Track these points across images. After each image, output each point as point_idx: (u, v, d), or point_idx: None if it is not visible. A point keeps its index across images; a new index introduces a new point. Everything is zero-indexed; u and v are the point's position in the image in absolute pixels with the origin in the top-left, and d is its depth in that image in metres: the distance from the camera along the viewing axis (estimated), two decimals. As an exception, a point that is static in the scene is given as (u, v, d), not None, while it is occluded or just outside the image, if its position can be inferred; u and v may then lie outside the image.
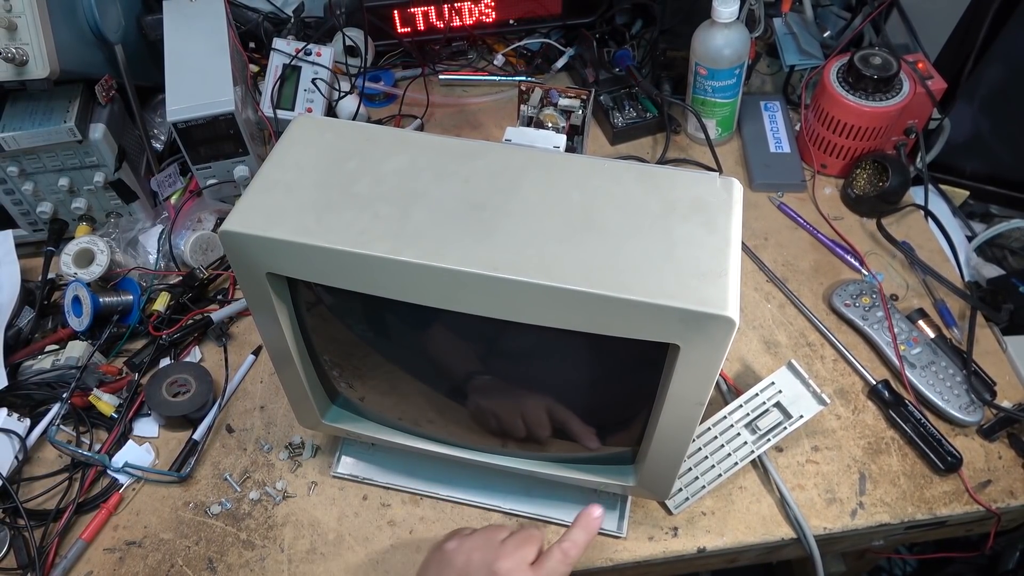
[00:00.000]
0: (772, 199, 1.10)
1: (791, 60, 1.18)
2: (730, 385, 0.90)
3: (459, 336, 0.64)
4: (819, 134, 1.09)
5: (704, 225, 0.55)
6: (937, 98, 1.04)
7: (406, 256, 0.53)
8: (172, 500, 0.84)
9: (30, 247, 1.06)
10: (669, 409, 0.59)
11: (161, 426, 0.89)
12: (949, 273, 0.99)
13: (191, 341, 0.96)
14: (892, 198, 1.05)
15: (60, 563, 0.79)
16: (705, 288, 0.51)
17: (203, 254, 1.02)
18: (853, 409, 0.89)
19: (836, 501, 0.82)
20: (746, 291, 1.00)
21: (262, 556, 0.80)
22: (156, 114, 1.11)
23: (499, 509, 0.82)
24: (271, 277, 0.59)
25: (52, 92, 0.94)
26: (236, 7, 1.20)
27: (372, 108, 1.24)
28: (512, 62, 1.30)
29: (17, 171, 0.96)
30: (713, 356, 0.54)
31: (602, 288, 0.51)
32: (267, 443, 0.88)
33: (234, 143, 1.01)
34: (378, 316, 0.63)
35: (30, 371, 0.91)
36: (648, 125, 1.18)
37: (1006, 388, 0.90)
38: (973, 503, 0.82)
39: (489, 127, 1.21)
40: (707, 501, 0.82)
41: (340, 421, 0.77)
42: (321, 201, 0.57)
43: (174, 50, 1.01)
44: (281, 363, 0.69)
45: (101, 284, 0.97)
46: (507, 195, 0.57)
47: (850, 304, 0.95)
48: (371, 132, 0.62)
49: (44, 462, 0.87)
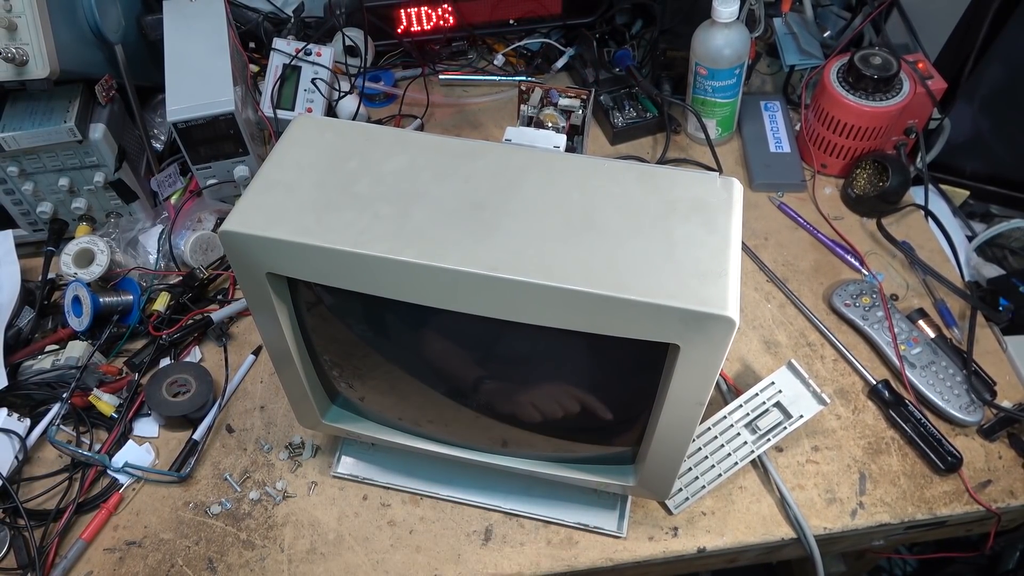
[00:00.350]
0: (772, 199, 1.10)
1: (791, 60, 1.18)
2: (730, 385, 0.90)
3: (459, 336, 0.64)
4: (819, 134, 1.09)
5: (704, 225, 0.55)
6: (937, 98, 1.04)
7: (406, 256, 0.53)
8: (172, 500, 0.84)
9: (30, 247, 1.06)
10: (669, 409, 0.59)
11: (161, 426, 0.89)
12: (949, 273, 0.99)
13: (191, 341, 0.96)
14: (892, 198, 1.05)
15: (60, 563, 0.79)
16: (705, 288, 0.51)
17: (203, 254, 1.02)
18: (853, 409, 0.89)
19: (836, 501, 0.82)
20: (746, 291, 1.00)
21: (262, 556, 0.80)
22: (156, 114, 1.11)
23: (499, 509, 0.82)
24: (271, 277, 0.59)
25: (52, 92, 0.94)
26: (236, 7, 1.20)
27: (372, 108, 1.24)
28: (512, 62, 1.30)
29: (17, 171, 0.96)
30: (713, 356, 0.54)
31: (602, 288, 0.51)
32: (267, 443, 0.88)
33: (234, 143, 1.01)
34: (378, 316, 0.63)
35: (30, 371, 0.91)
36: (648, 125, 1.18)
37: (1006, 388, 0.90)
38: (973, 503, 0.82)
39: (489, 127, 1.21)
40: (707, 501, 0.82)
41: (340, 421, 0.77)
42: (321, 201, 0.57)
43: (174, 50, 1.01)
44: (281, 363, 0.69)
45: (101, 284, 0.97)
46: (507, 195, 0.57)
47: (850, 304, 0.95)
48: (371, 132, 0.62)
49: (44, 462, 0.87)
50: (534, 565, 0.78)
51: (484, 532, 0.81)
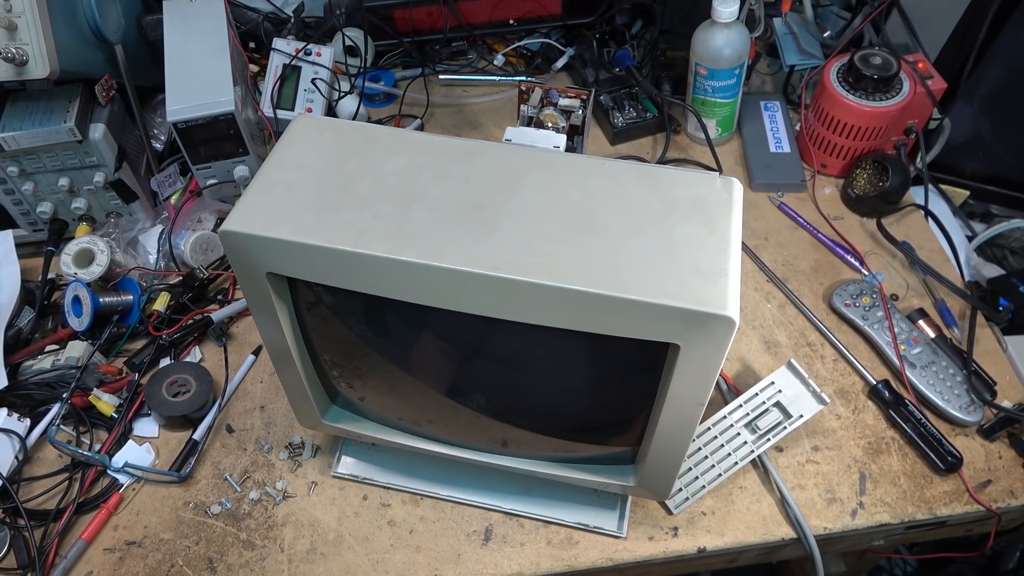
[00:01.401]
0: (772, 199, 1.10)
1: (791, 60, 1.18)
2: (730, 385, 0.90)
3: (459, 336, 0.64)
4: (819, 134, 1.09)
5: (704, 225, 0.55)
6: (937, 98, 1.04)
7: (406, 256, 0.53)
8: (172, 500, 0.84)
9: (30, 247, 1.06)
10: (669, 409, 0.59)
11: (161, 426, 0.89)
12: (949, 273, 0.99)
13: (191, 341, 0.96)
14: (892, 198, 1.05)
15: (60, 563, 0.79)
16: (705, 288, 0.51)
17: (203, 254, 1.02)
18: (853, 409, 0.89)
19: (836, 501, 0.82)
20: (746, 291, 1.00)
21: (262, 556, 0.80)
22: (156, 114, 1.11)
23: (499, 509, 0.82)
24: (271, 277, 0.59)
25: (52, 92, 0.94)
26: (236, 7, 1.20)
27: (372, 108, 1.24)
28: (512, 62, 1.30)
29: (17, 171, 0.96)
30: (713, 356, 0.54)
31: (602, 288, 0.51)
32: (267, 443, 0.88)
33: (234, 143, 1.01)
34: (378, 316, 0.63)
35: (30, 371, 0.91)
36: (648, 125, 1.18)
37: (1006, 388, 0.90)
38: (973, 503, 0.82)
39: (489, 127, 1.21)
40: (707, 501, 0.82)
41: (340, 421, 0.77)
42: (321, 201, 0.57)
43: (174, 50, 1.01)
44: (281, 363, 0.69)
45: (101, 284, 0.97)
46: (507, 195, 0.57)
47: (850, 304, 0.95)
48: (371, 132, 0.62)
49: (44, 462, 0.87)
50: (534, 565, 0.78)
51: (484, 532, 0.81)
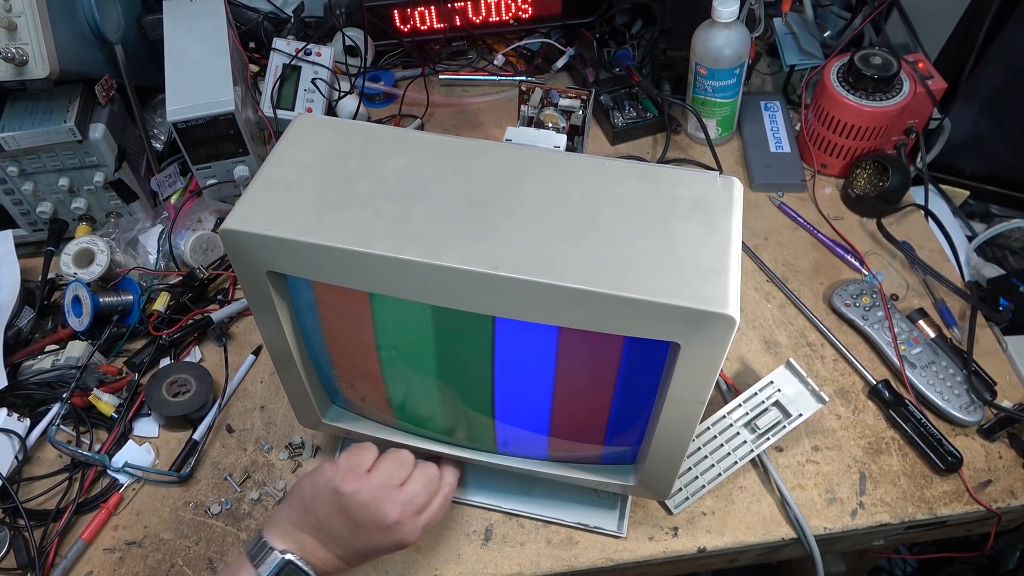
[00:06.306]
0: (772, 199, 1.10)
1: (791, 60, 1.18)
2: (729, 385, 0.90)
3: (459, 335, 0.64)
4: (819, 134, 1.09)
5: (704, 224, 0.55)
6: (937, 98, 1.04)
7: (407, 254, 0.53)
8: (172, 500, 0.84)
9: (30, 247, 1.06)
10: (669, 408, 0.59)
11: (161, 426, 0.89)
12: (949, 273, 0.99)
13: (191, 341, 0.96)
14: (892, 198, 1.05)
15: (60, 563, 0.79)
16: (705, 287, 0.51)
17: (203, 254, 1.02)
18: (853, 409, 0.89)
19: (836, 501, 0.82)
20: (746, 291, 1.00)
21: (262, 556, 0.79)
22: (156, 114, 1.11)
23: (499, 509, 0.82)
24: (272, 276, 0.59)
25: (52, 92, 0.94)
26: (236, 7, 1.20)
27: (372, 108, 1.24)
28: (512, 62, 1.30)
29: (17, 171, 0.96)
30: (713, 355, 0.53)
31: (603, 286, 0.51)
32: (267, 443, 0.88)
33: (234, 143, 1.01)
34: (379, 315, 0.63)
35: (30, 371, 0.91)
36: (648, 125, 1.18)
37: (1006, 388, 0.90)
38: (973, 503, 0.82)
39: (489, 127, 1.21)
40: (707, 501, 0.82)
41: (340, 421, 0.77)
42: (322, 200, 0.57)
43: (174, 50, 1.01)
44: (281, 363, 0.69)
45: (101, 284, 0.97)
46: (508, 194, 0.57)
47: (850, 304, 0.95)
48: (371, 131, 0.62)
49: (44, 462, 0.87)
50: (534, 565, 0.78)
51: (484, 532, 0.81)
